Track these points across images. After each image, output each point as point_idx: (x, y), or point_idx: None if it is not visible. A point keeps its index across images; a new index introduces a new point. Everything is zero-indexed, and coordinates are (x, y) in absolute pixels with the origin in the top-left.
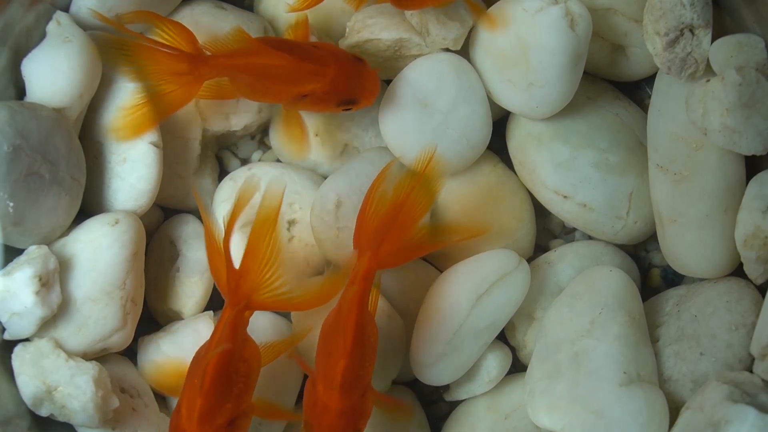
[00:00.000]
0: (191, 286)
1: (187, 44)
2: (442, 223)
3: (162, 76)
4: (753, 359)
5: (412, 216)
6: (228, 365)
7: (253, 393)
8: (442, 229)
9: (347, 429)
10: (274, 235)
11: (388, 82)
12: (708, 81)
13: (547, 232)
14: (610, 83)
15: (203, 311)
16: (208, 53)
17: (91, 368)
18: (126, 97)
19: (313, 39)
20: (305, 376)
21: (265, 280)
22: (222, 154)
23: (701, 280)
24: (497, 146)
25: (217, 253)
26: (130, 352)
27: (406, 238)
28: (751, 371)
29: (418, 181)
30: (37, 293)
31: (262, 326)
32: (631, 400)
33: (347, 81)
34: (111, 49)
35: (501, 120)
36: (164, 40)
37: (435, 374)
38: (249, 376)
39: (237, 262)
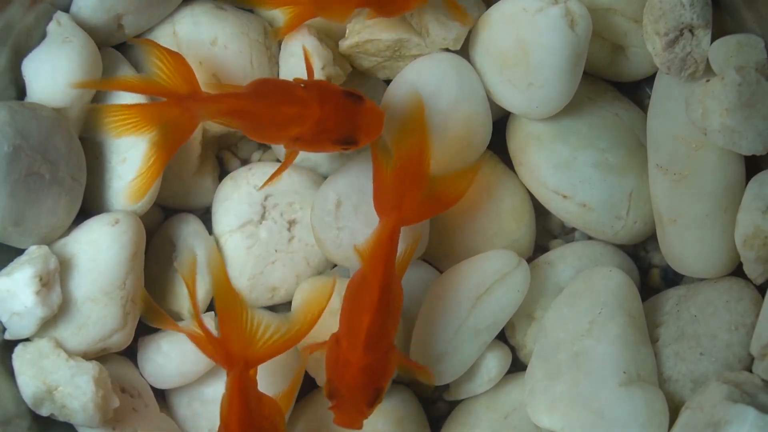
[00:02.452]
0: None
1: (183, 80)
2: (447, 175)
3: (157, 124)
4: (753, 359)
5: (422, 168)
6: (252, 429)
7: None
8: (449, 180)
9: (369, 386)
10: (236, 294)
11: (388, 82)
12: (708, 81)
13: (547, 232)
14: (610, 83)
15: (203, 312)
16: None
17: (91, 368)
18: (125, 99)
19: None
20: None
21: (251, 335)
22: (222, 154)
23: (701, 280)
24: (497, 146)
25: (198, 336)
26: (131, 352)
27: (423, 193)
28: (750, 371)
29: (412, 134)
30: (38, 293)
31: None
32: (631, 400)
33: (338, 120)
34: (102, 118)
35: (501, 120)
36: (160, 73)
37: (435, 374)
38: (276, 428)
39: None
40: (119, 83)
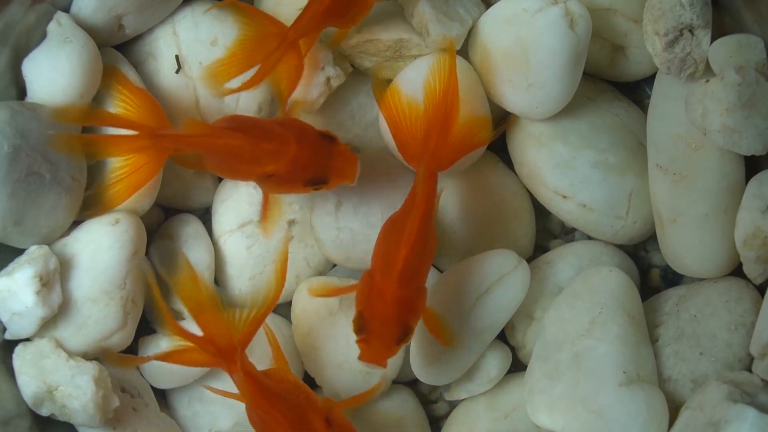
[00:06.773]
0: None
1: (151, 115)
2: (477, 118)
3: (126, 154)
4: (753, 359)
5: (451, 112)
6: (279, 399)
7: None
8: (471, 124)
9: (399, 321)
10: (205, 287)
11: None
12: (707, 81)
13: (547, 232)
14: (609, 83)
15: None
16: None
17: (91, 368)
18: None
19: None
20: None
21: (229, 321)
22: None
23: (701, 280)
24: (497, 146)
25: (183, 352)
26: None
27: (453, 136)
28: (750, 371)
29: (445, 78)
30: (38, 293)
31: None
32: (631, 400)
33: (312, 160)
34: (72, 145)
35: (501, 120)
36: (126, 109)
37: (435, 374)
38: (297, 385)
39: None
40: (94, 116)
